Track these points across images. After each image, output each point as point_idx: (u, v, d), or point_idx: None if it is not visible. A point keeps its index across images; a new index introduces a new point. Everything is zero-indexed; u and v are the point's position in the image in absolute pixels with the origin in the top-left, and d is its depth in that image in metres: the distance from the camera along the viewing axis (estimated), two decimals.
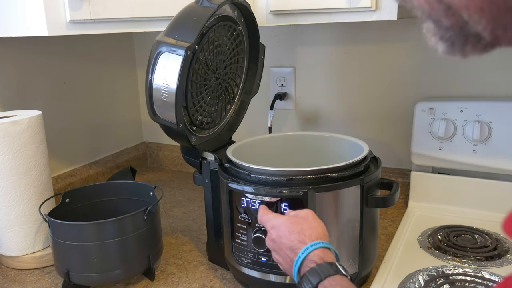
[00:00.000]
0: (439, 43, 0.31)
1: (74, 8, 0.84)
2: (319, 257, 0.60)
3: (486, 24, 0.28)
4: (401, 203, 1.17)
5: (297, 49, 1.28)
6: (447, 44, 0.30)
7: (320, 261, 0.59)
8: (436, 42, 0.31)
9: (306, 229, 0.63)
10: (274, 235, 0.66)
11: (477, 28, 0.28)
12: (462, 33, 0.29)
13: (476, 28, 0.28)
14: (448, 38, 0.30)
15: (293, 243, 0.62)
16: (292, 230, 0.63)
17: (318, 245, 0.61)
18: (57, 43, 1.25)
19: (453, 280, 0.80)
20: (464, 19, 0.28)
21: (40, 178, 0.95)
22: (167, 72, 0.76)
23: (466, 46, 0.30)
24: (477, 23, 0.28)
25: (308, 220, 0.65)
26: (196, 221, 1.16)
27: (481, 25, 0.28)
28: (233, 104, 0.98)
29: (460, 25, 0.29)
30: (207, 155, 0.89)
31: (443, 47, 0.31)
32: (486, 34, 0.28)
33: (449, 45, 0.30)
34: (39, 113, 0.95)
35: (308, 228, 0.63)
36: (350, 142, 0.92)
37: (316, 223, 0.65)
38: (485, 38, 0.29)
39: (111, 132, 1.47)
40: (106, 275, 0.85)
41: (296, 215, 0.67)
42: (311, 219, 0.66)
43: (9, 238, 0.94)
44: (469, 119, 1.03)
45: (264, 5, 0.96)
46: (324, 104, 1.28)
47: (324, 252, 0.61)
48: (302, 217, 0.66)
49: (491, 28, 0.28)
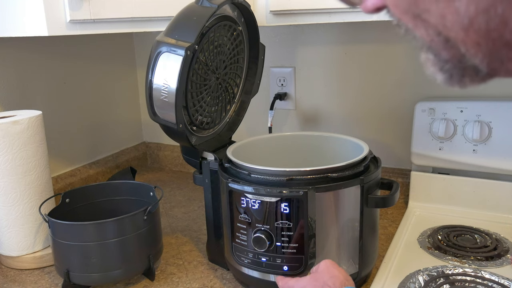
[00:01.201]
0: (438, 73, 0.31)
1: (74, 8, 0.84)
2: None
3: (482, 58, 0.28)
4: (401, 203, 1.17)
5: (297, 49, 1.28)
6: (446, 75, 0.31)
7: None
8: (435, 73, 0.31)
9: (328, 280, 0.65)
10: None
11: (474, 61, 0.29)
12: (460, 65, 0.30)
13: (473, 61, 0.29)
14: (447, 70, 0.31)
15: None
16: (317, 286, 0.66)
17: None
18: (57, 43, 1.25)
19: (453, 280, 0.80)
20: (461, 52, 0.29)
21: (40, 178, 0.95)
22: (167, 72, 0.76)
23: (464, 78, 0.31)
24: (474, 56, 0.28)
25: (328, 271, 0.67)
26: (196, 221, 1.16)
27: (478, 59, 0.28)
28: (233, 104, 0.98)
29: (458, 58, 0.30)
30: (207, 155, 0.89)
31: (442, 78, 0.31)
32: (483, 67, 0.29)
33: (447, 76, 0.31)
34: (39, 113, 0.95)
35: (330, 278, 0.65)
36: (350, 142, 0.92)
37: (337, 271, 0.67)
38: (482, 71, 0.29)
39: (111, 132, 1.47)
40: (106, 275, 0.85)
41: (316, 271, 0.69)
42: (331, 268, 0.68)
43: (9, 238, 0.94)
44: (469, 119, 1.03)
45: (264, 5, 0.96)
46: (324, 104, 1.28)
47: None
48: (322, 270, 0.68)
49: (487, 61, 0.28)
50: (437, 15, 0.28)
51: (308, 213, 0.73)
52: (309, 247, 0.75)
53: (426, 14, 0.29)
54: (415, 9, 0.29)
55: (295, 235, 0.75)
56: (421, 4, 0.29)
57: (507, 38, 0.26)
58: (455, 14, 0.27)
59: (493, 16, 0.26)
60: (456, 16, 0.27)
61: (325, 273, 0.67)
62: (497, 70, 0.29)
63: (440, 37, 0.29)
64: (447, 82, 0.31)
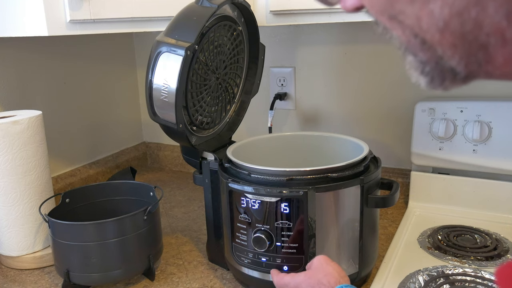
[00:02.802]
0: (420, 77, 0.31)
1: (74, 8, 0.84)
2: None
3: (459, 60, 0.28)
4: (401, 203, 1.17)
5: (297, 49, 1.28)
6: (428, 78, 0.31)
7: None
8: (417, 77, 0.32)
9: (323, 278, 0.65)
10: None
11: (452, 63, 0.29)
12: (439, 67, 0.30)
13: (450, 63, 0.29)
14: (428, 73, 0.31)
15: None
16: (312, 284, 0.66)
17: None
18: (57, 43, 1.25)
19: (453, 280, 0.80)
20: (439, 54, 0.29)
21: (40, 178, 0.95)
22: (167, 72, 0.76)
23: (445, 81, 0.31)
24: (451, 58, 0.29)
25: (322, 268, 0.67)
26: (196, 221, 1.16)
27: (455, 61, 0.28)
28: (233, 104, 0.98)
29: (436, 60, 0.30)
30: (207, 155, 0.89)
31: (424, 82, 0.31)
32: (460, 69, 0.29)
33: (429, 79, 0.31)
34: (39, 113, 0.95)
35: (324, 276, 0.66)
36: (350, 142, 0.92)
37: (331, 268, 0.67)
38: (461, 73, 0.29)
39: (111, 132, 1.47)
40: (106, 275, 0.85)
41: (310, 268, 0.70)
42: (325, 265, 0.68)
43: (9, 238, 0.94)
44: (469, 119, 1.03)
45: (264, 5, 0.96)
46: (324, 104, 1.28)
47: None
48: (316, 267, 0.68)
49: (465, 63, 0.28)
50: (412, 17, 0.28)
51: (308, 213, 0.73)
52: (309, 247, 0.75)
53: (402, 16, 0.29)
54: (391, 11, 0.29)
55: (295, 235, 0.75)
56: (397, 5, 0.29)
57: (483, 40, 0.26)
58: (430, 16, 0.27)
59: (467, 19, 0.26)
60: (431, 18, 0.27)
61: (319, 270, 0.67)
62: (475, 72, 0.29)
63: (417, 39, 0.29)
64: (430, 85, 0.31)
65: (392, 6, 0.29)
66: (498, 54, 0.27)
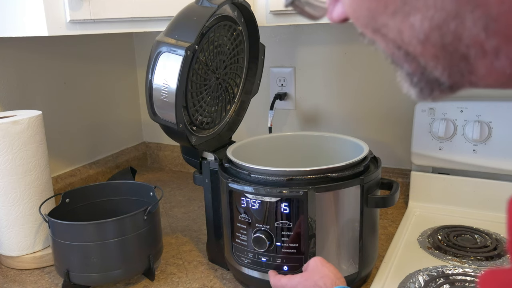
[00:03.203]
0: (410, 89, 0.32)
1: (74, 8, 0.84)
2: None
3: (442, 71, 0.29)
4: (401, 203, 1.17)
5: (297, 49, 1.28)
6: (417, 89, 0.32)
7: None
8: (408, 89, 0.32)
9: (319, 280, 0.66)
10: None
11: (435, 74, 0.30)
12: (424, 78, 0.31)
13: (434, 74, 0.30)
14: (417, 84, 0.31)
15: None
16: (308, 286, 0.66)
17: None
18: (57, 43, 1.25)
19: (453, 280, 0.80)
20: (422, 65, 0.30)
21: (40, 178, 0.95)
22: (167, 72, 0.76)
23: (434, 92, 0.31)
24: (434, 69, 0.29)
25: (318, 270, 0.68)
26: (196, 221, 1.16)
27: (438, 72, 0.29)
28: (233, 104, 0.98)
29: (421, 71, 0.30)
30: (207, 155, 0.89)
31: (414, 93, 0.32)
32: (444, 80, 0.30)
33: (419, 90, 0.32)
34: (39, 113, 0.95)
35: (320, 278, 0.66)
36: (350, 142, 0.92)
37: (326, 270, 0.67)
38: (445, 83, 0.30)
39: (111, 132, 1.47)
40: (106, 275, 0.85)
41: (306, 270, 0.70)
42: (321, 267, 0.68)
43: (9, 238, 0.94)
44: (469, 119, 1.03)
45: (264, 5, 0.96)
46: (324, 104, 1.28)
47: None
48: (312, 269, 0.69)
49: (448, 74, 0.29)
50: (395, 30, 0.29)
51: (308, 213, 0.73)
52: (309, 247, 0.75)
53: (384, 29, 0.30)
54: (374, 24, 0.30)
55: (295, 235, 0.75)
56: (379, 19, 0.29)
57: (463, 52, 0.27)
58: (411, 29, 0.28)
59: (446, 31, 0.27)
60: (412, 31, 0.28)
61: (315, 272, 0.67)
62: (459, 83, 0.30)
63: (400, 51, 0.30)
64: (420, 96, 0.32)
65: (375, 19, 0.30)
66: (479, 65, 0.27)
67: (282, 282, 0.71)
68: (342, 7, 0.32)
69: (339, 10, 0.33)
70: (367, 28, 0.31)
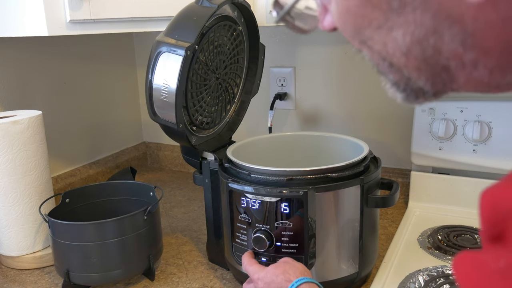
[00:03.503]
0: (397, 93, 0.34)
1: (74, 8, 0.84)
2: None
3: (425, 81, 0.31)
4: (401, 203, 1.17)
5: (297, 49, 1.28)
6: (403, 95, 0.34)
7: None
8: (394, 93, 0.34)
9: (289, 269, 0.68)
10: (261, 285, 0.70)
11: (419, 83, 0.31)
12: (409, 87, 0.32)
13: (418, 83, 0.31)
14: (403, 90, 0.33)
15: (281, 284, 0.67)
16: (277, 273, 0.68)
17: (303, 280, 0.66)
18: (57, 43, 1.25)
19: (453, 280, 0.80)
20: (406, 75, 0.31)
21: (40, 178, 0.95)
22: (167, 72, 0.76)
23: (418, 98, 0.33)
24: (418, 79, 0.31)
25: (288, 262, 0.71)
26: (196, 221, 1.16)
27: (422, 81, 0.31)
28: (233, 104, 0.98)
29: (405, 81, 0.32)
30: (207, 155, 0.89)
31: (400, 97, 0.34)
32: (428, 89, 0.32)
33: (404, 96, 0.34)
34: (39, 113, 0.95)
35: (290, 268, 0.69)
36: (350, 142, 0.92)
37: (297, 264, 0.70)
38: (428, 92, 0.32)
39: (111, 132, 1.47)
40: (106, 275, 0.85)
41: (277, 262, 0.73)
42: (291, 261, 0.71)
43: (9, 238, 0.94)
44: (469, 119, 1.03)
45: (264, 5, 0.96)
46: (324, 104, 1.28)
47: (309, 286, 0.66)
48: (283, 261, 0.71)
49: (431, 83, 0.31)
50: (380, 43, 0.31)
51: (308, 213, 0.73)
52: (309, 247, 0.75)
53: (370, 41, 0.31)
54: (360, 37, 0.32)
55: (295, 235, 0.75)
56: (365, 32, 0.31)
57: (444, 64, 0.29)
58: (394, 42, 0.30)
59: (426, 46, 0.28)
60: (395, 44, 0.30)
61: (286, 263, 0.70)
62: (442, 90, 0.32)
63: (385, 62, 0.32)
64: (406, 101, 0.34)
65: (360, 32, 0.31)
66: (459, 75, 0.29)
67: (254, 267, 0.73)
68: (331, 18, 0.34)
69: (329, 19, 0.34)
70: (354, 40, 0.33)
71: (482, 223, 0.33)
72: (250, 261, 0.75)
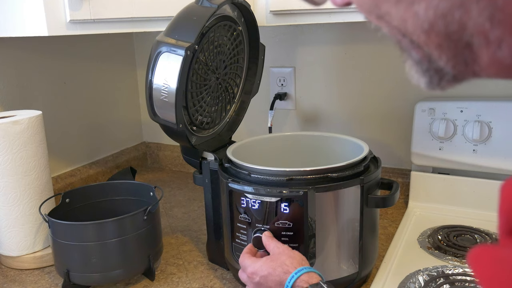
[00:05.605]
0: (420, 78, 0.32)
1: (74, 8, 0.84)
2: (304, 281, 0.64)
3: (447, 60, 0.29)
4: (401, 203, 1.17)
5: (297, 49, 1.28)
6: (427, 79, 0.32)
7: (306, 284, 0.63)
8: (418, 79, 0.32)
9: (286, 260, 0.67)
10: (257, 278, 0.68)
11: (440, 63, 0.30)
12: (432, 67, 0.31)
13: (439, 63, 0.30)
14: (425, 72, 0.31)
15: (279, 277, 0.66)
16: (274, 266, 0.67)
17: (302, 271, 0.65)
18: (57, 43, 1.25)
19: (453, 280, 0.80)
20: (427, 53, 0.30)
21: (40, 178, 0.95)
22: (167, 72, 0.76)
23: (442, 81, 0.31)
24: (439, 58, 0.29)
25: (285, 252, 0.69)
26: (196, 221, 1.16)
27: (443, 61, 0.29)
28: (233, 104, 0.98)
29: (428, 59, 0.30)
30: (207, 155, 0.89)
31: (424, 82, 0.32)
32: (448, 69, 0.30)
33: (428, 80, 0.32)
34: (39, 113, 0.95)
35: (287, 259, 0.67)
36: (350, 142, 0.92)
37: (293, 253, 0.69)
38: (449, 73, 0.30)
39: (111, 132, 1.47)
40: (106, 275, 0.85)
41: (272, 253, 0.71)
42: (287, 251, 0.69)
43: (9, 238, 0.94)
44: (469, 119, 1.03)
45: (264, 5, 0.96)
46: (324, 104, 1.28)
47: (309, 276, 0.65)
48: (278, 252, 0.70)
49: (452, 64, 0.29)
50: (398, 19, 0.29)
51: (308, 213, 0.73)
52: (309, 247, 0.75)
53: (388, 17, 0.29)
54: (377, 11, 0.30)
55: (295, 235, 0.75)
56: (382, 7, 0.29)
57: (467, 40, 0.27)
58: (415, 18, 0.28)
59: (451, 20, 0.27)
60: (416, 20, 0.28)
61: (283, 254, 0.68)
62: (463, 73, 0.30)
63: (406, 38, 0.30)
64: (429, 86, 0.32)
65: (378, 6, 0.30)
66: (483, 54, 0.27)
67: (247, 262, 0.71)
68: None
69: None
70: (371, 15, 0.31)
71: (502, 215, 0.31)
72: (244, 255, 0.73)
